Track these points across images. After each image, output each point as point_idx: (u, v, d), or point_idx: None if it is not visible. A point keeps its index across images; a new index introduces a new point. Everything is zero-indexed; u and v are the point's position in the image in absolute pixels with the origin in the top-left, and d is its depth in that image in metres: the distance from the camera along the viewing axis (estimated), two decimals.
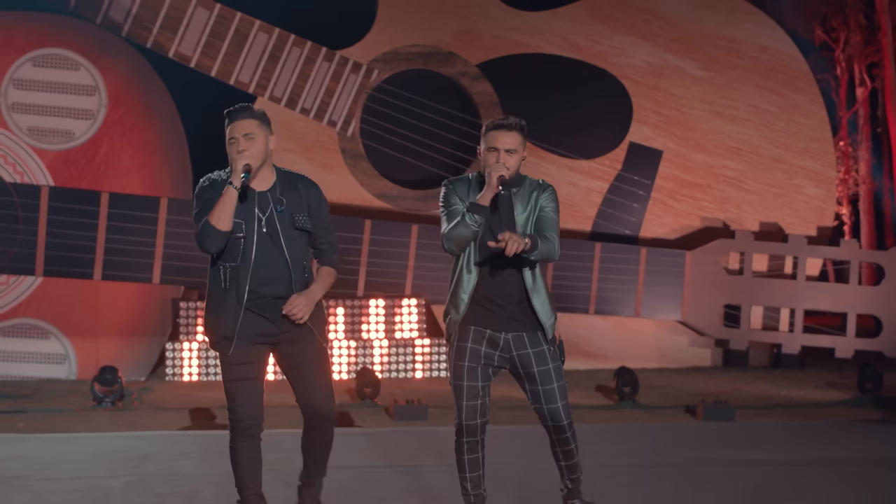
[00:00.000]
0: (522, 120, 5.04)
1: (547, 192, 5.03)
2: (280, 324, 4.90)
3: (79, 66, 10.72)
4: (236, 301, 4.85)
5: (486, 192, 4.89)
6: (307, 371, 4.95)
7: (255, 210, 4.88)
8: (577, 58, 11.65)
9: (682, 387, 10.40)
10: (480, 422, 5.00)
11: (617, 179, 11.64)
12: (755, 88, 11.93)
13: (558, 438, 5.05)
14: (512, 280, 4.96)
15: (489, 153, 4.96)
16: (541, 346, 4.98)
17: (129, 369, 10.46)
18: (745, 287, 11.44)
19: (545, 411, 4.99)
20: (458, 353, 5.01)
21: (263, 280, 4.86)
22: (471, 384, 4.97)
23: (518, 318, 4.97)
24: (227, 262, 4.87)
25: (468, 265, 4.97)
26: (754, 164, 11.95)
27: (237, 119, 4.95)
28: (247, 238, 4.85)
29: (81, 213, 10.04)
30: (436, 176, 11.52)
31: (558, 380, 4.98)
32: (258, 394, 4.92)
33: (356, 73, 11.23)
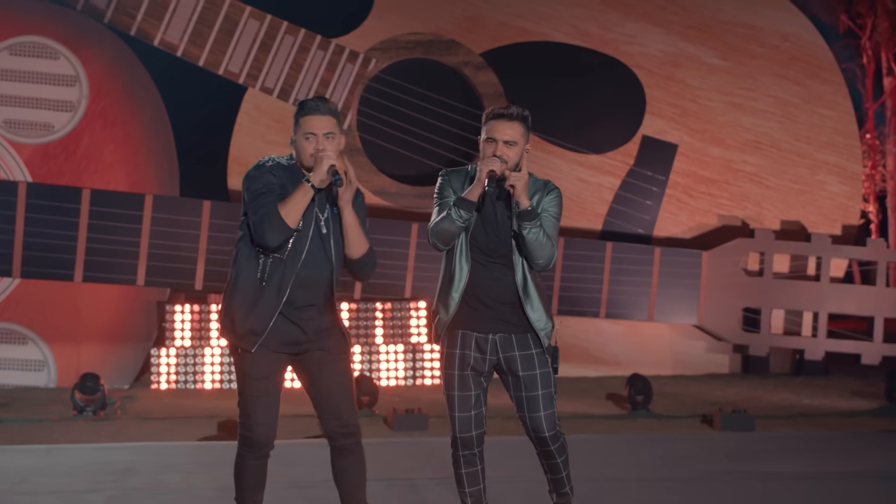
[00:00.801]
0: (526, 110, 5.02)
1: (552, 195, 4.98)
2: (310, 333, 4.84)
3: (58, 55, 10.74)
4: (276, 297, 4.76)
5: (474, 186, 4.86)
6: (336, 384, 4.88)
7: (315, 209, 4.80)
8: (586, 46, 11.65)
9: (699, 395, 10.40)
10: (476, 433, 4.99)
11: (629, 175, 11.65)
12: (776, 78, 11.94)
13: (542, 451, 5.01)
14: (504, 279, 4.93)
15: (487, 144, 4.94)
16: (529, 350, 4.94)
17: (112, 377, 10.47)
18: (766, 289, 11.44)
19: (527, 420, 4.96)
20: (448, 361, 4.99)
21: (306, 282, 4.79)
22: (462, 394, 4.96)
23: (508, 319, 4.94)
24: (270, 253, 4.76)
25: (459, 262, 4.95)
26: (775, 159, 11.95)
27: (318, 113, 4.81)
28: (301, 234, 4.76)
29: (61, 211, 10.06)
30: (436, 172, 11.46)
31: (544, 387, 4.93)
32: (276, 412, 4.87)
33: (352, 62, 11.25)
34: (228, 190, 11.05)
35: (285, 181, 4.81)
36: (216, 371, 10.48)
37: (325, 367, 4.88)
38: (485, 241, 4.93)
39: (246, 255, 4.83)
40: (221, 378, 10.48)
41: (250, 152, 11.09)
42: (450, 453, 5.06)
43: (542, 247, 4.85)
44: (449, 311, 4.95)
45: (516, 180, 4.81)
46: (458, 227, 4.86)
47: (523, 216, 4.82)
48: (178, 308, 10.60)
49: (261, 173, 4.84)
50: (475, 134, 11.69)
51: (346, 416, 4.89)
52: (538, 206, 4.93)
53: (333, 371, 4.88)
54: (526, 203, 4.82)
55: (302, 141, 4.83)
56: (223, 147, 11.10)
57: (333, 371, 4.88)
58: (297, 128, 4.85)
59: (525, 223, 4.82)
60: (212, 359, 10.48)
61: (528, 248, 4.86)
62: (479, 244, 4.93)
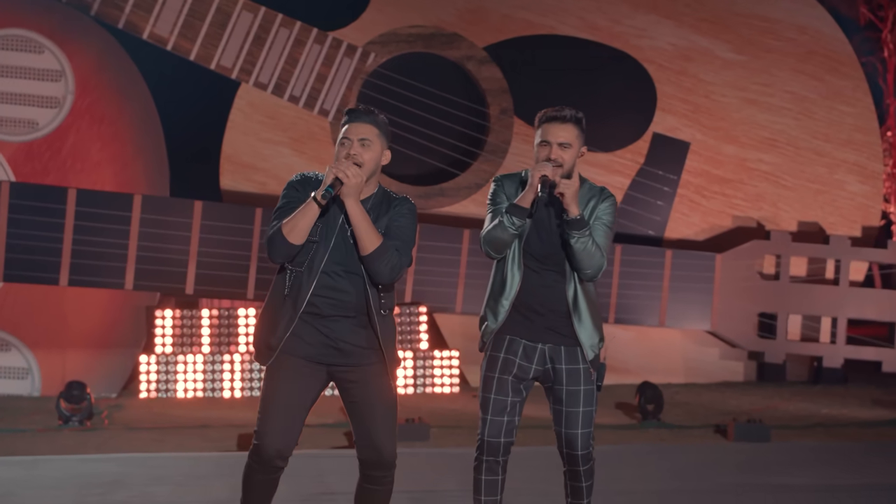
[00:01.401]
0: (580, 112, 5.09)
1: (607, 203, 5.06)
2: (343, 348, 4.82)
3: (43, 49, 10.75)
4: (293, 309, 4.80)
5: (526, 192, 4.94)
6: (373, 411, 4.85)
7: (341, 219, 4.83)
8: (594, 39, 11.66)
9: (712, 404, 10.40)
10: (504, 441, 5.04)
11: (639, 174, 11.65)
12: (793, 73, 11.94)
13: (570, 470, 5.08)
14: (556, 287, 5.01)
15: (541, 147, 5.02)
16: (577, 364, 5.03)
17: (99, 385, 10.48)
18: (782, 293, 11.45)
19: (563, 435, 5.04)
20: (490, 364, 5.07)
21: (330, 292, 4.80)
22: (499, 397, 5.03)
23: (558, 330, 5.02)
24: (294, 267, 4.83)
25: (511, 269, 5.03)
26: (792, 157, 11.96)
27: (357, 121, 4.88)
28: (320, 245, 4.81)
29: (46, 212, 10.07)
30: (438, 170, 11.54)
31: (586, 405, 5.03)
32: (296, 426, 4.82)
33: (350, 56, 11.26)
34: (221, 190, 11.06)
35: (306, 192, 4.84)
36: (208, 380, 10.48)
37: (363, 388, 4.85)
38: (538, 247, 5.02)
39: (279, 270, 4.92)
40: (213, 387, 10.48)
41: (243, 150, 11.11)
42: (473, 457, 5.11)
43: (590, 256, 4.94)
44: (498, 319, 5.05)
45: (566, 188, 4.90)
46: (511, 234, 4.96)
47: (572, 225, 4.91)
48: (169, 313, 10.61)
49: (288, 187, 4.92)
50: (478, 131, 11.74)
51: (383, 449, 4.87)
52: (592, 212, 5.03)
53: (372, 394, 4.85)
54: (575, 212, 4.91)
55: (338, 146, 4.89)
56: (215, 145, 11.11)
57: (372, 394, 4.85)
58: (339, 133, 4.93)
59: (574, 232, 4.91)
60: (203, 367, 10.48)
61: (576, 257, 4.94)
62: (532, 251, 5.01)
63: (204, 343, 10.61)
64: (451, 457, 7.94)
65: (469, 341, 11.02)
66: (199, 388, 10.46)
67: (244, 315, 10.68)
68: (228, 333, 10.67)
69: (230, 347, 10.63)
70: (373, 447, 4.84)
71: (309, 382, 4.83)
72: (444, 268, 10.84)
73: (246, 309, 10.70)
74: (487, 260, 5.13)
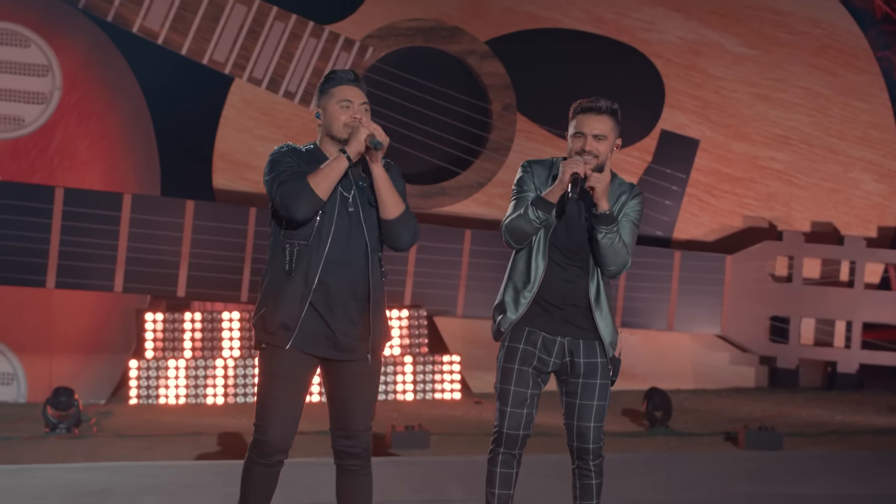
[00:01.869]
0: (615, 103, 5.18)
1: (636, 200, 5.15)
2: (340, 333, 4.88)
3: (29, 43, 10.75)
4: (304, 286, 4.83)
5: (555, 187, 5.00)
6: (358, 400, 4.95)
7: (338, 187, 4.87)
8: (600, 33, 11.66)
9: (722, 411, 10.40)
10: (522, 434, 5.11)
11: (647, 173, 11.66)
12: (806, 68, 11.95)
13: (580, 467, 5.13)
14: (579, 282, 5.09)
15: (575, 139, 5.09)
16: (595, 358, 5.13)
17: (87, 391, 10.48)
18: (795, 296, 11.45)
19: (574, 428, 5.11)
20: (509, 355, 5.14)
21: (337, 266, 4.85)
22: (518, 389, 5.10)
23: (578, 324, 5.11)
24: (296, 240, 4.85)
25: (536, 260, 5.08)
26: (805, 155, 11.96)
27: (354, 84, 4.96)
28: (325, 215, 4.85)
29: (32, 212, 10.07)
30: (438, 168, 11.54)
31: (600, 399, 5.12)
32: (296, 419, 4.92)
33: (348, 51, 11.26)
34: (213, 189, 11.06)
35: (301, 164, 4.88)
36: (200, 386, 10.48)
37: (350, 378, 4.94)
38: (565, 241, 5.08)
39: (273, 247, 4.94)
40: (206, 393, 10.48)
41: (237, 147, 11.11)
42: (488, 449, 5.20)
43: (616, 253, 5.01)
44: (518, 310, 5.10)
45: (597, 182, 4.96)
46: (534, 227, 5.02)
47: (600, 220, 4.98)
48: (159, 317, 10.61)
49: (280, 155, 4.93)
50: (479, 128, 11.74)
51: (359, 437, 4.97)
52: (621, 208, 5.10)
53: (356, 384, 4.95)
54: (605, 206, 4.97)
55: (335, 109, 4.92)
56: (208, 142, 11.11)
57: (356, 384, 4.95)
58: (327, 98, 4.94)
59: (601, 227, 4.97)
60: (195, 372, 10.48)
61: (601, 253, 5.01)
62: (559, 244, 5.08)
63: (196, 347, 10.60)
64: (453, 465, 7.93)
65: (471, 346, 11.01)
66: (190, 395, 10.46)
67: (238, 319, 10.67)
68: (220, 338, 10.66)
69: (222, 353, 10.62)
70: (347, 435, 4.94)
71: (307, 375, 4.92)
72: (445, 269, 10.84)
73: (241, 312, 10.70)
74: (489, 262, 5.22)
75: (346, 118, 4.89)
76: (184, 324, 10.60)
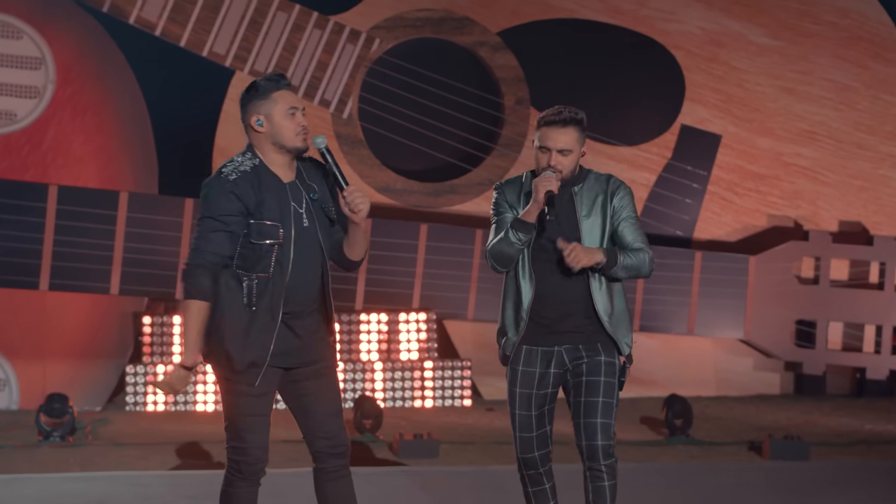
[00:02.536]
0: (580, 112, 5.27)
1: (621, 193, 5.27)
2: (306, 342, 4.97)
3: (21, 35, 10.78)
4: (271, 320, 4.88)
5: (531, 207, 5.13)
6: (328, 400, 5.04)
7: (292, 204, 4.93)
8: (617, 24, 11.66)
9: (745, 419, 10.40)
10: (539, 454, 5.29)
11: (666, 170, 11.65)
12: (834, 60, 11.93)
13: (590, 468, 5.16)
14: (574, 290, 5.20)
15: (541, 154, 5.22)
16: (598, 356, 5.22)
17: (82, 397, 10.50)
18: (822, 299, 11.43)
19: (581, 426, 5.19)
20: (511, 378, 5.31)
21: (298, 287, 4.92)
22: (523, 413, 5.27)
23: (579, 328, 5.22)
24: (254, 273, 4.87)
25: (523, 279, 5.21)
26: (832, 151, 11.94)
27: (291, 89, 5.01)
28: (284, 244, 4.88)
29: (25, 210, 10.09)
30: (448, 165, 11.54)
31: (605, 396, 5.19)
32: (268, 432, 5.00)
33: (353, 42, 11.27)
34: None
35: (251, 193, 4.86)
36: (199, 392, 10.49)
37: (318, 380, 5.02)
38: (549, 249, 5.19)
39: (225, 279, 4.89)
40: (206, 399, 10.50)
41: (238, 144, 11.04)
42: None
43: (638, 267, 5.20)
44: (519, 330, 5.23)
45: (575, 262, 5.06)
46: (517, 249, 5.16)
47: (605, 271, 5.14)
48: (157, 320, 10.62)
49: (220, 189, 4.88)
50: (491, 123, 11.74)
51: (338, 436, 5.03)
52: (603, 209, 5.22)
53: (325, 386, 5.03)
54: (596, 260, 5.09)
55: (282, 117, 4.92)
56: (208, 138, 11.12)
57: (325, 386, 5.03)
58: (269, 104, 4.93)
59: (610, 271, 5.15)
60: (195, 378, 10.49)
61: (626, 277, 5.20)
62: (546, 252, 5.19)
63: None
64: (463, 475, 7.95)
65: (482, 350, 11.02)
66: (189, 402, 10.48)
67: None
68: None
69: None
70: (326, 437, 4.99)
71: (275, 387, 5.00)
72: (455, 271, 10.85)
73: None
74: None
75: (294, 126, 4.92)
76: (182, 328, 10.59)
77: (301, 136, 4.94)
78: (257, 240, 4.85)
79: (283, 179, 4.95)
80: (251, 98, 4.96)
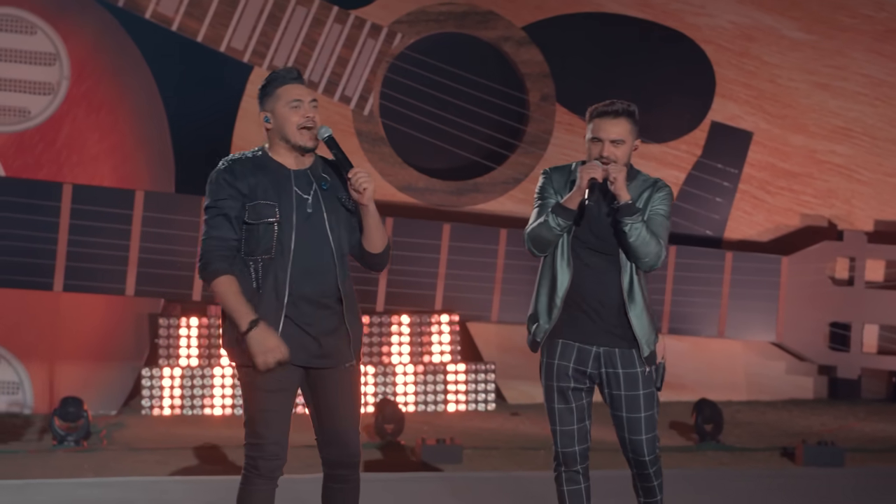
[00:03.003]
0: (632, 105, 5.39)
1: (662, 193, 5.40)
2: (322, 342, 5.04)
3: (35, 30, 10.82)
4: (276, 300, 4.98)
5: (573, 193, 5.28)
6: (344, 407, 5.10)
7: (294, 189, 5.04)
8: (646, 18, 11.65)
9: (778, 424, 10.38)
10: (579, 449, 5.41)
11: (696, 168, 11.63)
12: (869, 54, 11.90)
13: (639, 473, 5.47)
14: (609, 280, 5.34)
15: (593, 144, 5.35)
16: (633, 368, 5.37)
17: (97, 401, 10.53)
18: (857, 300, 11.40)
19: (627, 441, 5.40)
20: (546, 373, 5.42)
21: (305, 275, 5.00)
22: (562, 406, 5.38)
23: (613, 331, 5.35)
24: (259, 255, 5.01)
25: (561, 265, 5.35)
26: (867, 149, 11.91)
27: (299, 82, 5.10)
28: (283, 223, 5.00)
29: (38, 210, 10.13)
30: (472, 163, 11.55)
31: (647, 409, 5.38)
32: (287, 429, 5.07)
33: (375, 37, 11.28)
34: None
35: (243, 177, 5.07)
36: (219, 395, 10.52)
37: (336, 385, 5.10)
38: (591, 239, 5.36)
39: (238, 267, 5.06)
40: (223, 403, 10.52)
41: (256, 141, 11.07)
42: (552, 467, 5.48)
43: (645, 244, 5.25)
44: (552, 318, 5.36)
45: (617, 172, 5.21)
46: (556, 234, 5.32)
47: (623, 211, 5.24)
48: (174, 322, 10.65)
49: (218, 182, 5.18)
50: (515, 120, 11.74)
51: (352, 446, 5.12)
52: (646, 204, 5.34)
53: (343, 391, 5.11)
54: (626, 196, 5.23)
55: (286, 110, 5.07)
56: (225, 135, 11.15)
57: (343, 391, 5.11)
58: (273, 99, 5.11)
59: (626, 219, 5.23)
60: (213, 381, 10.52)
61: (630, 245, 5.25)
62: (584, 243, 5.35)
63: (213, 355, 10.64)
64: (487, 481, 7.95)
65: (506, 353, 11.02)
66: (207, 405, 10.50)
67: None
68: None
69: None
70: (339, 444, 5.09)
71: (295, 383, 5.07)
72: (479, 272, 10.85)
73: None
74: (526, 263, 5.43)
75: (298, 119, 5.06)
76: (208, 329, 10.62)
77: (306, 132, 5.05)
78: (253, 219, 5.01)
79: (288, 167, 5.10)
80: (260, 95, 5.16)
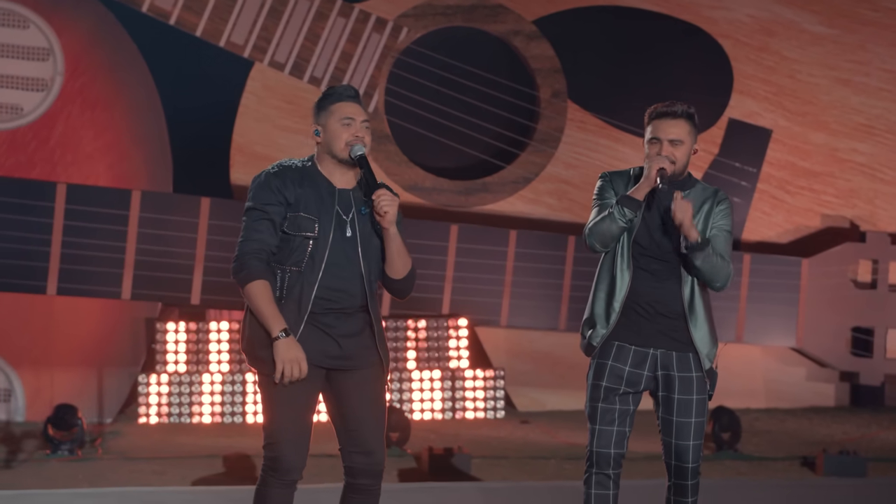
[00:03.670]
0: (692, 107, 5.54)
1: (723, 206, 5.47)
2: (344, 347, 5.11)
3: (28, 24, 10.83)
4: (297, 314, 5.07)
5: (642, 184, 5.36)
6: (369, 414, 5.17)
7: (336, 208, 5.13)
8: (662, 11, 11.64)
9: (798, 432, 10.37)
10: (615, 452, 5.42)
11: (713, 167, 11.63)
12: (892, 49, 11.89)
13: (676, 484, 5.46)
14: (669, 289, 5.41)
15: (652, 145, 5.46)
16: (689, 372, 5.42)
17: (92, 408, 10.54)
18: (880, 304, 11.39)
19: (672, 446, 5.44)
20: (597, 372, 5.46)
21: (330, 292, 5.09)
22: (607, 406, 5.42)
23: (669, 334, 5.42)
24: (287, 266, 5.09)
25: (621, 268, 5.42)
26: (891, 147, 11.90)
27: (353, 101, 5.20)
28: (319, 239, 5.08)
29: (31, 210, 10.14)
30: (480, 162, 11.54)
31: (698, 416, 5.42)
32: (308, 434, 5.14)
33: (380, 31, 11.29)
34: (231, 184, 11.11)
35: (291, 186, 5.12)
36: (216, 403, 10.52)
37: (360, 390, 5.18)
38: (650, 246, 5.42)
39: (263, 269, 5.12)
40: (223, 410, 10.52)
41: (257, 139, 11.15)
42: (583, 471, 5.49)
43: (717, 270, 5.36)
44: (609, 323, 5.42)
45: (682, 213, 5.27)
46: (620, 227, 5.35)
47: (693, 249, 5.29)
48: (171, 326, 10.66)
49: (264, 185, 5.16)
50: (525, 117, 11.74)
51: (376, 454, 5.17)
52: (707, 216, 5.43)
53: (368, 397, 5.18)
54: (695, 237, 5.28)
55: (337, 127, 5.17)
56: (225, 133, 11.16)
57: (368, 397, 5.18)
58: (326, 115, 5.21)
59: (696, 254, 5.30)
60: (211, 387, 10.53)
61: (702, 274, 5.35)
62: (643, 250, 5.42)
63: (211, 361, 10.64)
64: (496, 492, 7.94)
65: (516, 359, 11.02)
66: (206, 413, 10.51)
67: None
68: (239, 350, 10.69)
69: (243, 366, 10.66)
70: (364, 452, 5.16)
71: (315, 388, 5.14)
72: (488, 274, 10.84)
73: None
74: (537, 266, 5.41)
75: (347, 136, 5.14)
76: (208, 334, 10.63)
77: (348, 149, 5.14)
78: (292, 231, 5.09)
79: (335, 184, 5.17)
80: (315, 109, 5.24)
